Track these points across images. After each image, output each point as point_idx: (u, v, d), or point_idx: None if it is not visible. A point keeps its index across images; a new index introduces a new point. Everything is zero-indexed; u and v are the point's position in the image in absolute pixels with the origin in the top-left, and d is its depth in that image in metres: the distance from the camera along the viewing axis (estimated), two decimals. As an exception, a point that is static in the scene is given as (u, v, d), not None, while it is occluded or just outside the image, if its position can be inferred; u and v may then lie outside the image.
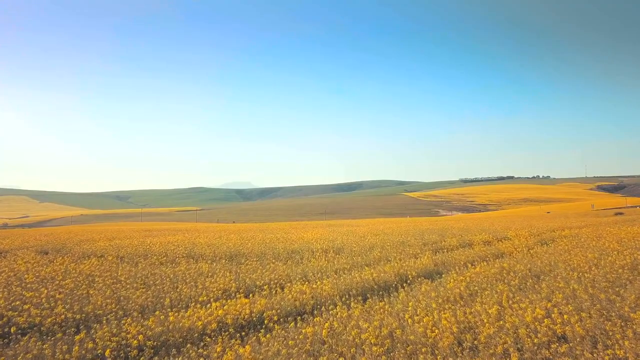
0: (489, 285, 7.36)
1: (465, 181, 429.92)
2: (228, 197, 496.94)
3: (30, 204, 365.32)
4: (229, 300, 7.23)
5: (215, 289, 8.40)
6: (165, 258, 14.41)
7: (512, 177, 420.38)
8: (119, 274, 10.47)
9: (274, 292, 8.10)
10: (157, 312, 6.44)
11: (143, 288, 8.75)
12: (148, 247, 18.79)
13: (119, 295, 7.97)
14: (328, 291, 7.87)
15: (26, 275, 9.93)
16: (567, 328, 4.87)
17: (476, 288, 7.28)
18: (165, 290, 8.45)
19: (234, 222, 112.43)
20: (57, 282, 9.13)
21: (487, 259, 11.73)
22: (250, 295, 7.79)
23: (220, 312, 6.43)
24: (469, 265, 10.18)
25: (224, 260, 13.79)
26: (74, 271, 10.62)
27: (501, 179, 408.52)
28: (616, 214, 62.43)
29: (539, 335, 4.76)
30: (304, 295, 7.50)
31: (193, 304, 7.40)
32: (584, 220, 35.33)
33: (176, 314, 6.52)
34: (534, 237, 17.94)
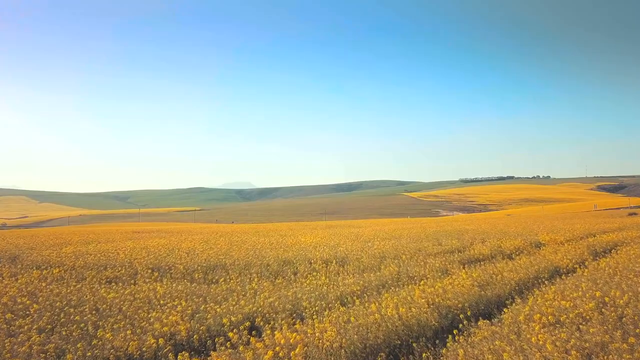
0: (604, 338, 4.32)
1: (465, 181, 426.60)
2: (228, 197, 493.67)
3: (29, 204, 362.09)
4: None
5: (155, 334, 5.37)
6: (123, 271, 11.40)
7: (512, 177, 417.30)
8: (38, 299, 7.47)
9: (246, 342, 5.05)
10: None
11: (47, 330, 5.72)
12: (115, 254, 15.81)
13: (-5, 348, 4.95)
14: (331, 341, 4.83)
15: None
16: None
17: (587, 345, 4.24)
18: (77, 336, 5.41)
19: (233, 222, 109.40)
20: None
21: (546, 276, 8.68)
22: (201, 357, 4.75)
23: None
24: (532, 290, 7.14)
25: (196, 274, 10.80)
26: (-26, 297, 7.58)
27: (501, 179, 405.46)
28: (630, 214, 59.50)
29: None
30: (293, 353, 4.46)
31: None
32: (606, 222, 32.30)
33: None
34: (575, 243, 14.92)
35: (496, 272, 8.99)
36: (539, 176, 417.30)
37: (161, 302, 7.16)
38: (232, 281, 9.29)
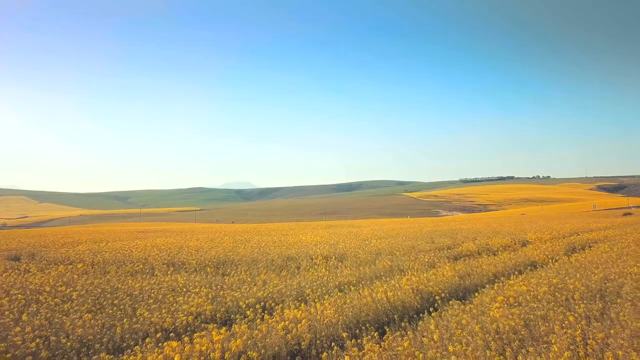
0: (548, 313, 5.46)
1: (465, 181, 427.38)
2: (228, 197, 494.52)
3: (29, 204, 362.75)
4: (196, 334, 5.32)
5: (184, 313, 6.50)
6: (141, 266, 12.51)
7: (512, 177, 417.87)
8: (76, 288, 8.58)
9: (260, 318, 6.20)
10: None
11: (93, 311, 6.85)
12: (129, 251, 16.93)
13: (56, 322, 6.08)
14: (330, 318, 5.96)
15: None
16: None
17: (531, 316, 5.38)
18: (120, 315, 6.55)
19: (233, 222, 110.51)
20: (-11, 302, 7.24)
21: (521, 269, 9.83)
22: (227, 326, 5.87)
23: (177, 357, 4.53)
24: (503, 279, 8.28)
25: (208, 269, 11.91)
26: (20, 285, 8.71)
27: (501, 179, 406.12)
28: (625, 214, 60.58)
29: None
30: (299, 326, 5.59)
31: (149, 337, 5.51)
32: (598, 221, 33.43)
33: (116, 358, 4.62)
34: (558, 241, 16.05)
35: (477, 265, 10.14)
36: (539, 176, 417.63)
37: (184, 289, 8.30)
38: (242, 274, 10.42)
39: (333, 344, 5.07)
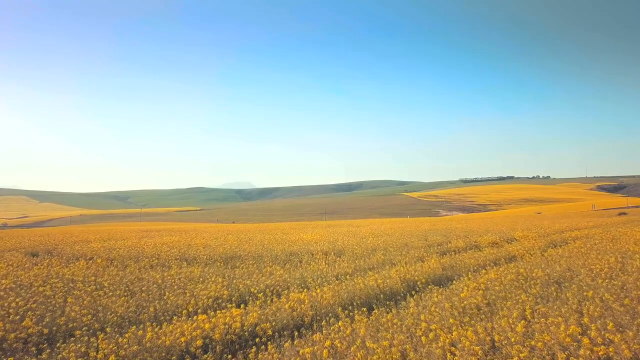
0: (508, 294, 6.63)
1: (465, 181, 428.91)
2: (228, 197, 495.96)
3: (29, 204, 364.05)
4: (218, 312, 6.49)
5: (205, 297, 7.67)
6: (156, 261, 13.67)
7: (512, 177, 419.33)
8: (104, 278, 9.74)
9: (270, 300, 7.37)
10: (133, 328, 5.69)
11: (126, 295, 8.02)
12: (141, 248, 18.07)
13: (98, 304, 7.24)
14: (329, 300, 7.13)
15: (4, 281, 9.19)
16: (610, 349, 4.15)
17: (494, 297, 6.54)
18: (150, 299, 7.71)
19: (233, 222, 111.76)
20: (34, 288, 8.39)
21: (499, 262, 11.00)
22: (243, 305, 7.04)
23: (207, 325, 5.69)
24: (481, 270, 9.46)
25: (218, 263, 13.06)
26: (55, 276, 9.87)
27: (501, 179, 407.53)
28: (619, 214, 61.71)
29: (580, 359, 4.04)
30: (303, 305, 6.76)
31: (179, 315, 6.66)
32: (590, 221, 34.56)
33: (157, 328, 5.78)
34: (542, 239, 17.20)
35: (461, 259, 11.32)
36: (539, 176, 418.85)
37: (201, 279, 9.48)
38: (250, 267, 11.59)
39: (330, 315, 6.25)
